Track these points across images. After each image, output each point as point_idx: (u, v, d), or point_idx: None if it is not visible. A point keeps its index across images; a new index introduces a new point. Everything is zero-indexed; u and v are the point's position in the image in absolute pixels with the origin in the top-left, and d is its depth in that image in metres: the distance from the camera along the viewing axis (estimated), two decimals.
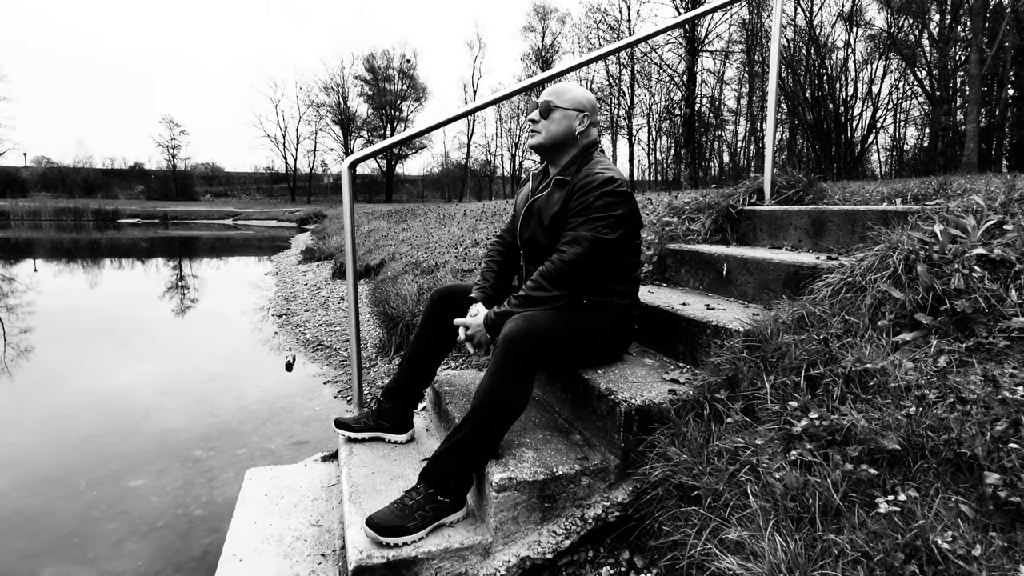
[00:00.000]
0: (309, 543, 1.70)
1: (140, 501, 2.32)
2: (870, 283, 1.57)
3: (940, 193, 2.33)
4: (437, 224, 9.25)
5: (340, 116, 49.17)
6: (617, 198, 1.70)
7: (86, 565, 1.94)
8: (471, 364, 3.14)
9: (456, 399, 2.03)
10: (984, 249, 1.47)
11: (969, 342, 1.34)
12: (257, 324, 5.60)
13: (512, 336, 1.54)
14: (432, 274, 4.87)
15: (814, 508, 1.14)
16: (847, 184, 4.32)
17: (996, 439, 1.06)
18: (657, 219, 3.26)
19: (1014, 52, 19.75)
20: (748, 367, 1.55)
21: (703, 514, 1.30)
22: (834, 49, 25.23)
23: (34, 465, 2.64)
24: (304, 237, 16.90)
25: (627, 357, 1.99)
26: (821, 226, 2.31)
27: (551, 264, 1.69)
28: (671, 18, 21.21)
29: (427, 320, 1.98)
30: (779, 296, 1.90)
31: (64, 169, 53.15)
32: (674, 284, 2.63)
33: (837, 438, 1.23)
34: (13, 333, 5.23)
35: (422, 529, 1.46)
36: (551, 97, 1.81)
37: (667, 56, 26.11)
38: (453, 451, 1.53)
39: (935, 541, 0.96)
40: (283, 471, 2.15)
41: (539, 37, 42.46)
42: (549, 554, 1.50)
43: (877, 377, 1.32)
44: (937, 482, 1.08)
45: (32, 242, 17.37)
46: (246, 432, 2.99)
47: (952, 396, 1.20)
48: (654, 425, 1.59)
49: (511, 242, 2.02)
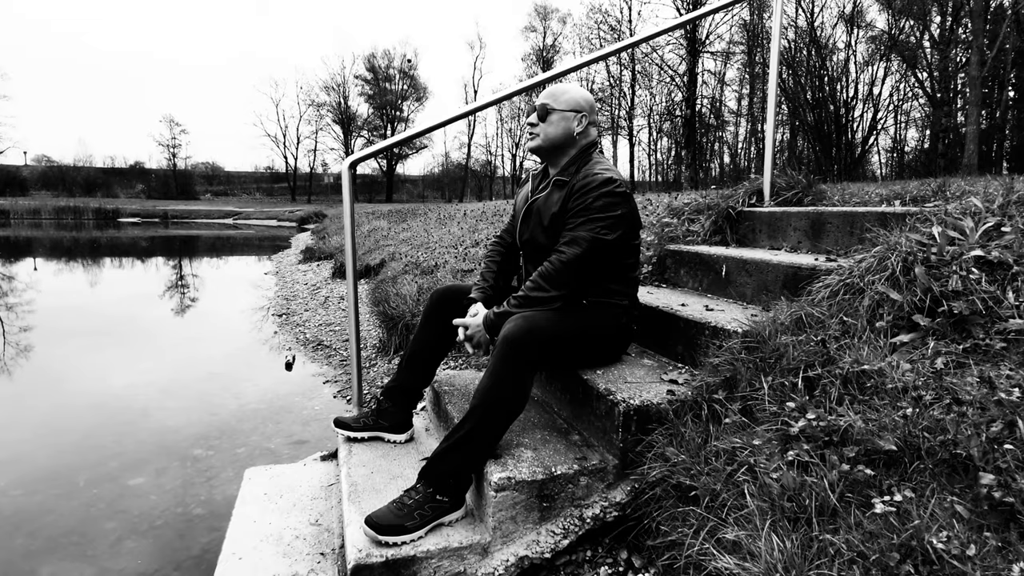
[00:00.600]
0: (308, 542, 1.71)
1: (139, 499, 2.33)
2: (868, 285, 1.58)
3: (939, 195, 2.34)
4: (437, 224, 9.25)
5: (341, 115, 49.18)
6: (616, 198, 1.71)
7: (85, 563, 1.94)
8: (471, 364, 3.15)
9: (455, 399, 2.03)
10: (982, 251, 1.48)
11: (966, 344, 1.35)
12: (257, 323, 5.61)
13: (511, 336, 1.54)
14: (432, 274, 4.87)
15: (811, 508, 1.14)
16: (847, 186, 4.32)
17: (991, 440, 1.07)
18: (657, 220, 3.27)
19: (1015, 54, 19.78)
20: (746, 368, 1.55)
21: (700, 514, 1.31)
22: (835, 50, 25.26)
23: (33, 463, 2.64)
24: (304, 237, 16.91)
25: (626, 358, 2.00)
26: (820, 228, 2.31)
27: (550, 265, 1.69)
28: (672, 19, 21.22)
29: (427, 320, 1.98)
30: (778, 297, 1.90)
31: (64, 168, 53.12)
32: (673, 285, 2.64)
33: (834, 439, 1.24)
34: (13, 332, 5.24)
35: (421, 528, 1.47)
36: (548, 100, 1.82)
37: (668, 57, 26.18)
38: (452, 451, 1.53)
39: (930, 541, 0.97)
40: (282, 470, 2.15)
41: (540, 37, 42.52)
42: (547, 554, 1.50)
43: (874, 378, 1.32)
44: (933, 483, 1.08)
45: (32, 241, 17.38)
46: (246, 431, 3.00)
47: (949, 397, 1.20)
48: (652, 425, 1.60)
49: (511, 242, 2.02)
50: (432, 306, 1.98)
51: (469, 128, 48.43)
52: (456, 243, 6.35)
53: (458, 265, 4.86)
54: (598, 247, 1.68)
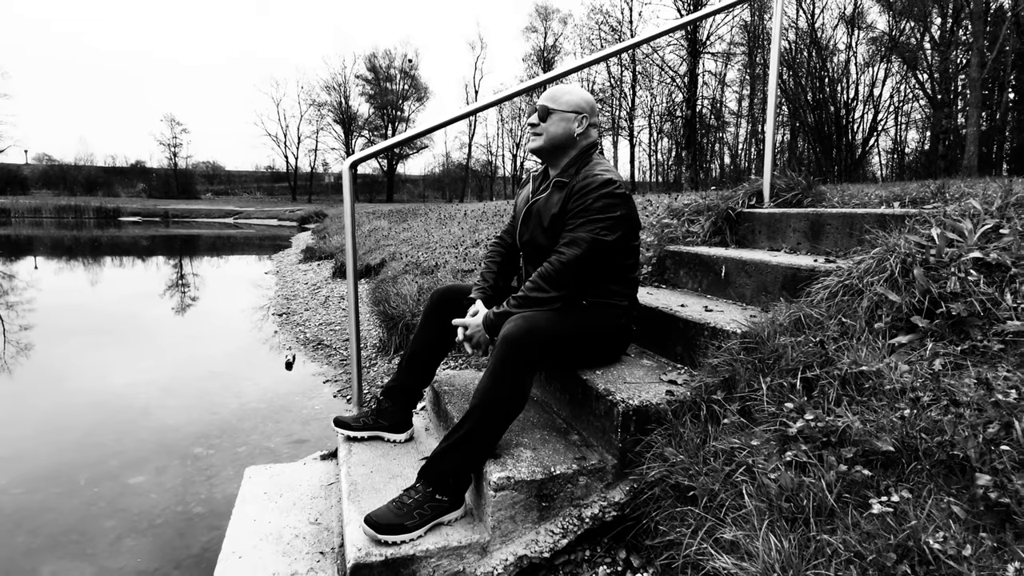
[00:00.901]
0: (308, 541, 1.72)
1: (140, 498, 2.33)
2: (867, 286, 1.58)
3: (938, 197, 2.34)
4: (438, 224, 9.26)
5: (341, 115, 49.20)
6: (615, 200, 1.71)
7: (85, 561, 1.95)
8: (471, 364, 3.15)
9: (455, 399, 2.04)
10: (980, 253, 1.49)
11: (964, 345, 1.35)
12: (257, 323, 5.61)
13: (511, 336, 1.55)
14: (432, 274, 4.88)
15: (808, 508, 1.15)
16: (846, 187, 4.32)
17: (988, 441, 1.08)
18: (657, 221, 3.27)
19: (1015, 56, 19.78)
20: (745, 369, 1.56)
21: (699, 514, 1.31)
22: (835, 52, 25.27)
23: (34, 461, 2.65)
24: (305, 236, 16.92)
25: (625, 358, 2.00)
26: (819, 229, 2.32)
27: (549, 265, 1.70)
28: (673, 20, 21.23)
29: (427, 320, 1.99)
30: (777, 298, 1.91)
31: (65, 167, 53.10)
32: (673, 286, 2.64)
33: (832, 439, 1.25)
34: (13, 330, 5.24)
35: (420, 528, 1.47)
36: (548, 101, 1.82)
37: (669, 58, 26.16)
38: (451, 450, 1.54)
39: (927, 541, 0.97)
40: (282, 469, 2.16)
41: (541, 38, 42.56)
42: (546, 553, 1.51)
43: (872, 379, 1.33)
44: (930, 483, 1.09)
45: (33, 239, 17.39)
46: (246, 430, 3.00)
47: (946, 399, 1.21)
48: (651, 426, 1.60)
49: (511, 243, 2.03)
50: (432, 306, 1.99)
51: (470, 128, 48.46)
52: (456, 243, 6.35)
53: (458, 265, 4.87)
54: (597, 248, 1.69)
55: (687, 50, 24.20)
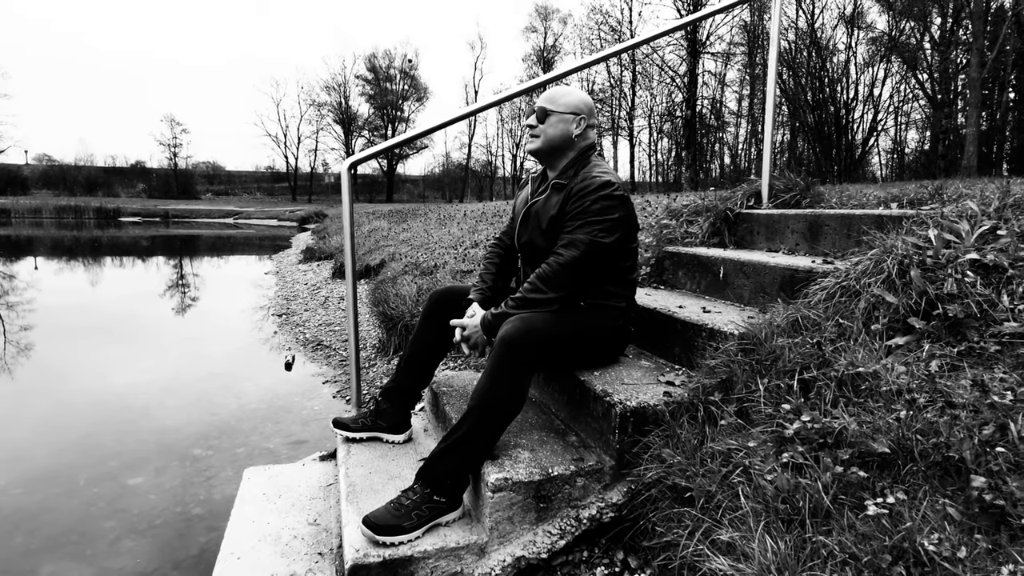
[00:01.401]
0: (306, 542, 1.72)
1: (139, 499, 2.34)
2: (864, 287, 1.58)
3: (936, 198, 2.34)
4: (437, 225, 9.26)
5: (341, 115, 49.22)
6: (614, 202, 1.71)
7: (84, 562, 1.95)
8: (469, 365, 3.16)
9: (454, 400, 2.04)
10: (977, 254, 1.49)
11: (961, 346, 1.35)
12: (257, 323, 5.62)
13: (509, 338, 1.55)
14: (432, 275, 4.88)
15: (804, 510, 1.15)
16: (845, 187, 4.33)
17: (983, 443, 1.08)
18: (655, 221, 3.27)
19: (1015, 56, 19.78)
20: (742, 370, 1.56)
21: (696, 515, 1.32)
22: (835, 52, 25.27)
23: (34, 462, 2.65)
24: (304, 236, 16.92)
25: (623, 359, 2.00)
26: (817, 230, 2.32)
27: (548, 267, 1.70)
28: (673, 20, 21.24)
29: (425, 321, 1.99)
30: (775, 299, 1.91)
31: (65, 167, 53.13)
32: (671, 286, 2.65)
33: (828, 441, 1.25)
34: (13, 330, 5.25)
35: (418, 528, 1.48)
36: (546, 103, 1.82)
37: (668, 58, 26.18)
38: (450, 451, 1.54)
39: (922, 543, 0.97)
40: (281, 470, 2.16)
41: (541, 38, 42.57)
42: (544, 554, 1.51)
43: (869, 381, 1.33)
44: (925, 485, 1.09)
45: (33, 239, 17.39)
46: (245, 431, 3.00)
47: (942, 400, 1.21)
48: (649, 427, 1.60)
49: (509, 244, 2.03)
50: (431, 307, 1.99)
51: (470, 128, 48.47)
52: (456, 244, 6.36)
53: (458, 266, 4.87)
54: (595, 250, 1.69)
55: (687, 50, 24.21)
